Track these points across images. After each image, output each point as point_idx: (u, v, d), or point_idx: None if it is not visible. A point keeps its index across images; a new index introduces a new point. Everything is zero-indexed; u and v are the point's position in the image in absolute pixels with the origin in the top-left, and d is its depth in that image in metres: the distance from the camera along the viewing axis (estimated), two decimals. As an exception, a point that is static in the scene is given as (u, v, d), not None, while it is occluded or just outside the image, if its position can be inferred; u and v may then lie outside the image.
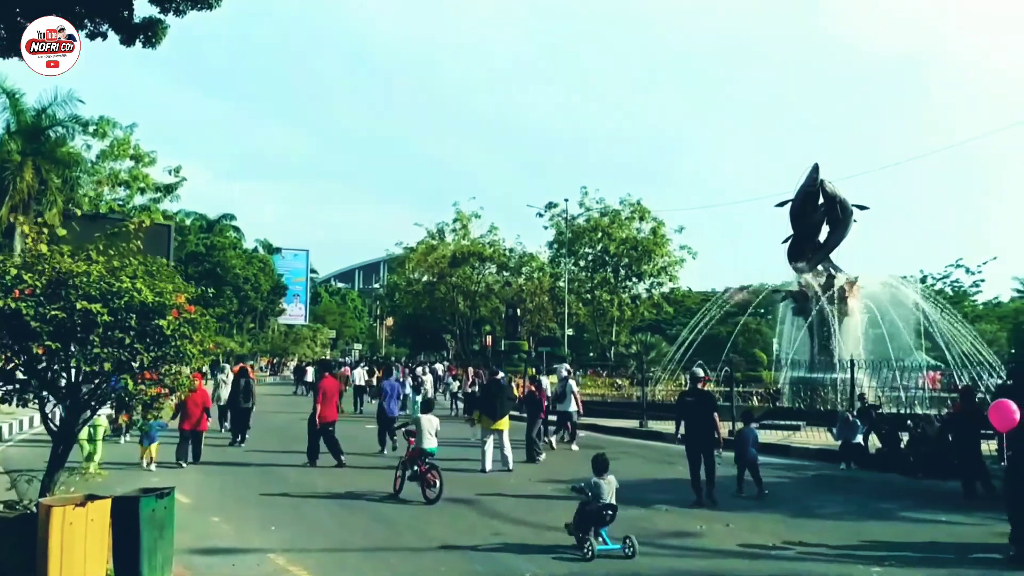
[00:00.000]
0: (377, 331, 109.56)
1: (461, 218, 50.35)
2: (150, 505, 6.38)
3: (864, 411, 15.87)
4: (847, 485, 13.50)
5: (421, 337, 59.10)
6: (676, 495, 11.84)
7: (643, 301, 47.42)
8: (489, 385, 15.28)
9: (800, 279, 28.07)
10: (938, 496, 12.17)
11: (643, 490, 12.37)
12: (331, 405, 14.72)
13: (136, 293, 6.24)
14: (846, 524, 10.10)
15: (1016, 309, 65.19)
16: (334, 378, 15.93)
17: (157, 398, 6.82)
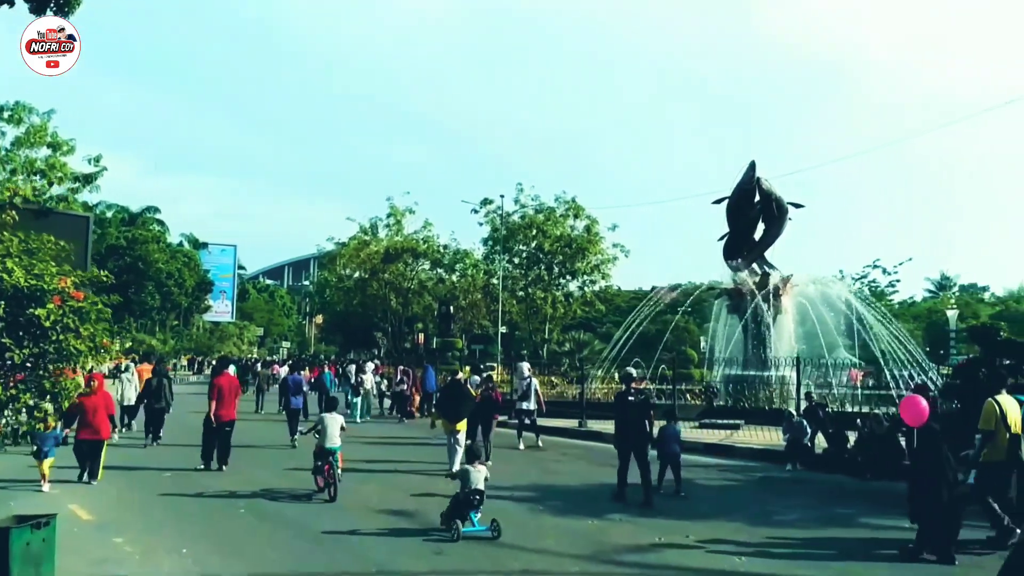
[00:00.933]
0: (306, 329, 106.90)
1: (395, 213, 48.81)
2: (23, 537, 5.18)
3: (811, 410, 15.36)
4: (798, 488, 12.94)
5: (352, 335, 57.23)
6: (630, 503, 11.04)
7: (576, 299, 46.80)
8: (449, 386, 14.77)
9: (735, 277, 27.82)
10: (892, 498, 11.62)
11: (594, 497, 11.56)
12: (227, 404, 13.67)
13: (5, 275, 4.95)
14: (809, 532, 9.42)
15: (929, 308, 67.41)
16: (231, 375, 14.79)
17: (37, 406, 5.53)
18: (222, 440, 13.52)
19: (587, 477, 13.35)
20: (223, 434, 13.52)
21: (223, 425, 13.48)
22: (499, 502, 10.73)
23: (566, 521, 9.67)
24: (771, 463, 15.16)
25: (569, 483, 12.76)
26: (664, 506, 10.76)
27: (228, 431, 13.62)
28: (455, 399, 13.95)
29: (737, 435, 18.59)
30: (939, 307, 61.17)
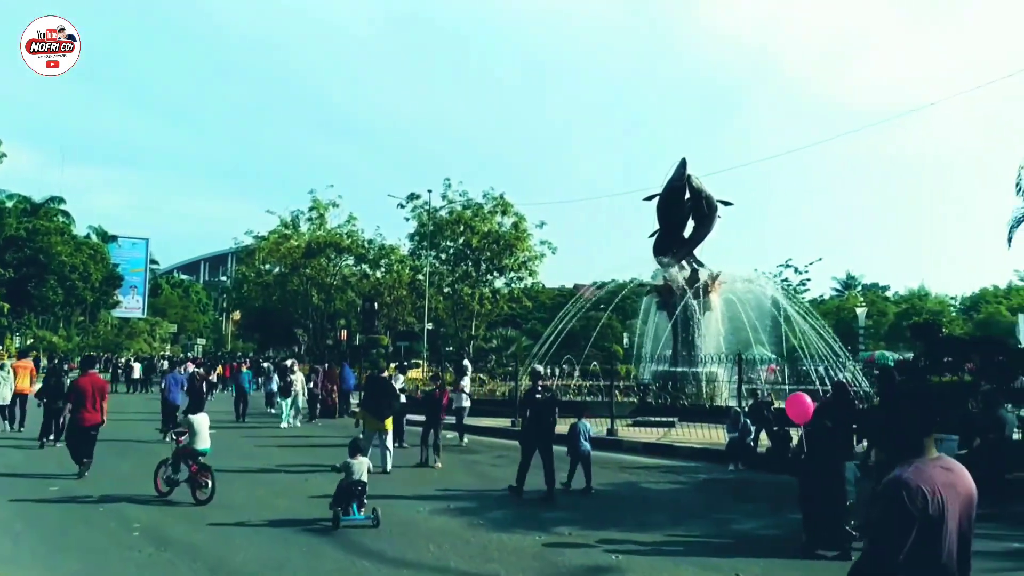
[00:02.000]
0: (223, 326, 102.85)
1: (318, 207, 46.73)
2: None
3: (756, 408, 14.71)
4: (748, 491, 12.17)
5: (270, 332, 54.73)
6: (578, 511, 10.06)
7: (503, 296, 45.85)
8: (374, 383, 14.19)
9: (665, 274, 27.32)
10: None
11: (536, 507, 10.53)
12: (90, 406, 12.26)
13: None
14: (776, 544, 8.59)
15: (837, 306, 69.32)
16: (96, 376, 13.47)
17: None
18: (86, 445, 12.06)
19: (527, 483, 12.31)
20: (87, 439, 12.09)
21: (87, 430, 12.08)
22: (437, 518, 9.61)
23: (511, 538, 8.60)
24: (713, 463, 14.46)
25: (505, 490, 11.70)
26: (616, 516, 9.82)
27: (93, 435, 12.20)
28: (380, 396, 13.38)
29: (673, 433, 17.95)
30: (847, 305, 62.79)
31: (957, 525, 2.64)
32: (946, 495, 2.59)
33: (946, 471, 2.67)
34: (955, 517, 2.63)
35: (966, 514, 2.69)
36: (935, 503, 2.56)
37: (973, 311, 55.10)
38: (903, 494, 2.54)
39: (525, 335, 54.90)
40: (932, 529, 2.56)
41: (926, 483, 2.58)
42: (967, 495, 2.71)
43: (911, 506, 2.52)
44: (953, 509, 2.61)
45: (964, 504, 2.68)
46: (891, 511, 2.55)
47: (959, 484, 2.68)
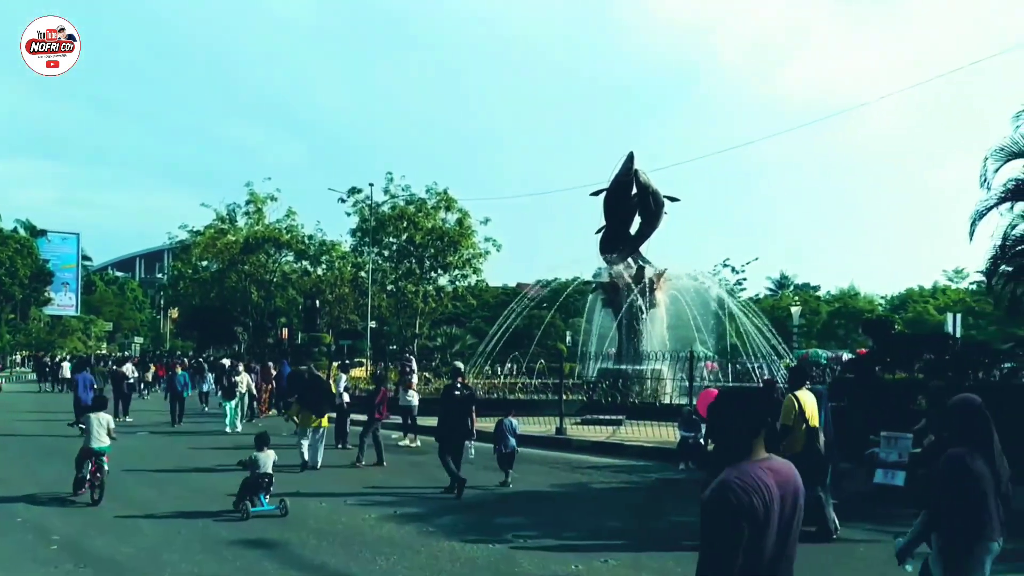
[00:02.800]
0: (161, 324, 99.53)
1: (255, 200, 45.09)
2: None
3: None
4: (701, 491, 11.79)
5: (209, 330, 52.76)
6: (532, 516, 9.50)
7: (447, 293, 45.06)
8: (310, 380, 14.29)
9: (611, 271, 27.00)
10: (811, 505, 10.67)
11: (489, 511, 9.94)
12: None
13: None
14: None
15: (772, 305, 70.45)
16: None
17: None
18: None
19: (480, 484, 11.70)
20: None
21: None
22: (385, 525, 8.93)
23: (463, 547, 7.99)
24: (663, 462, 14.09)
25: (464, 495, 11.06)
26: (571, 520, 9.31)
27: None
28: (316, 393, 13.34)
29: (622, 432, 17.56)
30: (781, 304, 63.75)
31: (780, 525, 2.64)
32: (771, 495, 2.59)
33: (773, 471, 2.67)
34: (779, 517, 2.62)
35: (791, 514, 2.69)
36: (760, 503, 2.55)
37: (901, 310, 56.46)
38: (729, 496, 2.53)
39: (469, 333, 54.19)
40: (757, 529, 2.55)
41: (751, 484, 2.57)
42: (793, 496, 2.71)
43: (738, 507, 2.51)
44: (777, 509, 2.61)
45: (790, 505, 2.69)
46: (719, 515, 2.54)
47: (785, 484, 2.68)
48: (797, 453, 8.12)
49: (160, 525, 8.87)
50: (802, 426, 8.26)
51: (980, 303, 50.93)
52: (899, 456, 10.97)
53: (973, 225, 14.60)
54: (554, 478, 12.48)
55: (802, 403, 8.22)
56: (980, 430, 4.38)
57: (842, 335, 54.19)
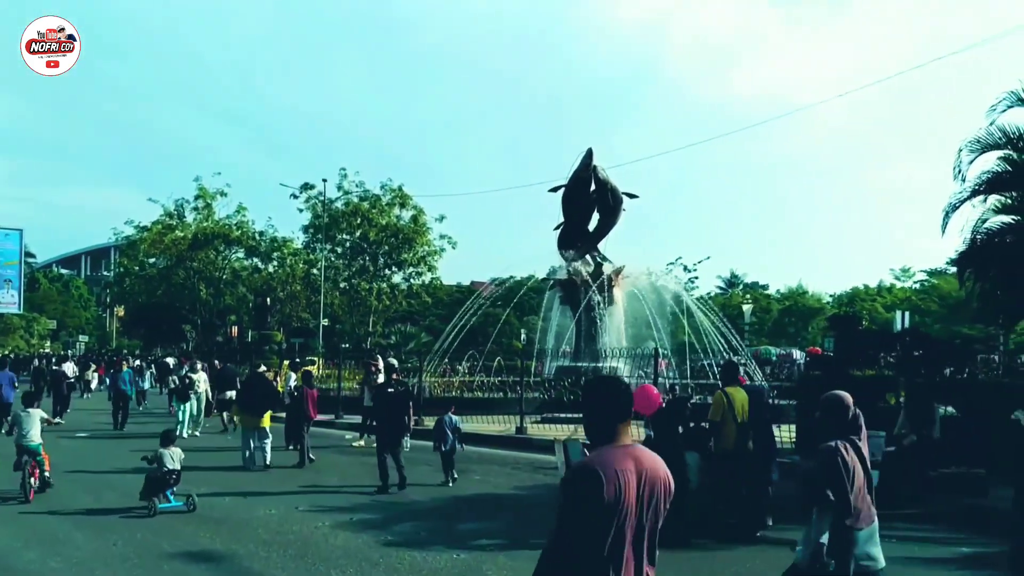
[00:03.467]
0: (107, 322, 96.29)
1: (204, 195, 43.53)
2: None
3: (675, 404, 13.88)
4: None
5: (156, 328, 50.87)
6: (496, 522, 8.92)
7: (401, 291, 44.16)
8: (250, 379, 13.97)
9: (569, 267, 26.56)
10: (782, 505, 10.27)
11: (448, 515, 9.35)
12: None
13: None
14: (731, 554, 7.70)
15: (723, 303, 71.09)
16: None
17: None
18: None
19: (435, 487, 11.09)
20: None
21: None
22: (340, 534, 8.25)
23: (424, 556, 7.37)
24: (628, 461, 13.60)
25: (416, 498, 10.44)
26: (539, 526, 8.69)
27: None
28: (257, 392, 12.88)
29: (582, 430, 17.01)
30: (732, 302, 64.30)
31: (638, 511, 2.65)
32: (628, 481, 2.60)
33: (635, 458, 2.69)
34: (636, 503, 2.63)
35: (650, 501, 2.70)
36: (613, 488, 2.57)
37: (849, 308, 57.27)
38: (580, 479, 2.58)
39: (424, 331, 53.38)
40: (611, 512, 2.57)
41: (607, 468, 2.59)
42: (654, 483, 2.71)
43: (588, 491, 2.54)
44: (633, 495, 2.62)
45: (650, 492, 2.69)
46: (572, 496, 2.58)
47: (646, 472, 2.69)
48: (728, 450, 8.24)
49: (95, 536, 8.07)
50: (732, 423, 8.11)
51: (925, 302, 51.90)
52: (872, 455, 10.63)
53: (946, 217, 14.44)
54: (517, 480, 11.94)
55: (732, 399, 8.07)
56: (851, 424, 4.56)
57: (792, 333, 54.75)
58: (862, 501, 4.40)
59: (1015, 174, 13.62)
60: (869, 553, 4.39)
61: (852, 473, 4.35)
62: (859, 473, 4.42)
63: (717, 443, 8.28)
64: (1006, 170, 13.79)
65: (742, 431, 8.13)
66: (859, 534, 4.36)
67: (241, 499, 10.11)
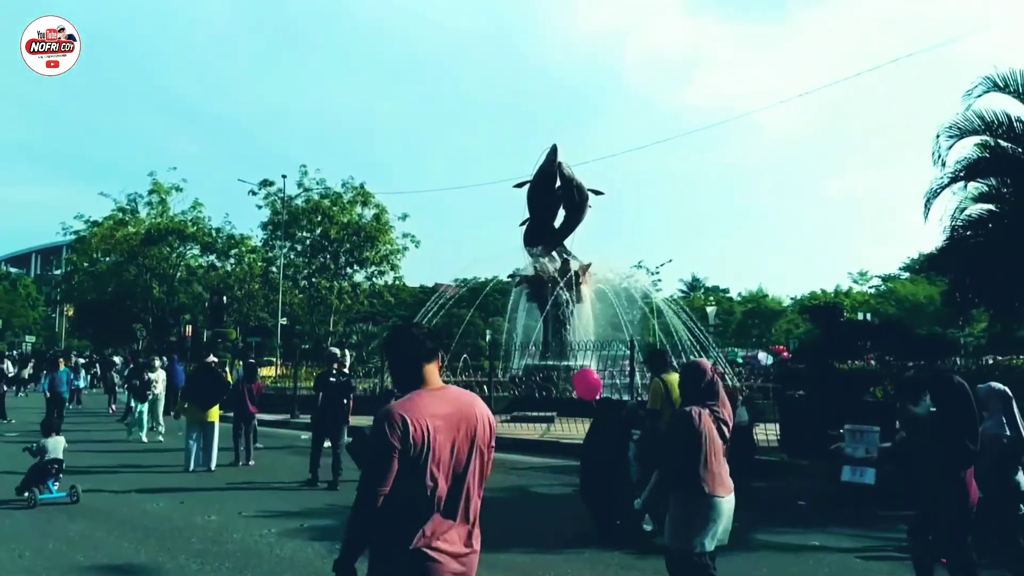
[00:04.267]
0: (56, 322, 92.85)
1: (159, 190, 41.66)
2: None
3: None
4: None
5: (106, 327, 48.63)
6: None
7: (363, 290, 42.81)
8: (198, 371, 12.97)
9: (536, 264, 25.70)
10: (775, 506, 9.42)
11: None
12: None
13: None
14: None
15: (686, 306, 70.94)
16: None
17: None
18: None
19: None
20: None
21: None
22: (288, 543, 7.16)
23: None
24: (603, 461, 12.68)
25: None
26: (514, 533, 7.72)
27: None
28: (204, 385, 12.07)
29: (555, 429, 16.15)
30: (695, 305, 64.19)
31: (452, 455, 2.62)
32: (438, 424, 2.57)
33: (447, 400, 2.69)
34: (450, 446, 2.61)
35: (468, 444, 2.68)
36: (420, 432, 2.54)
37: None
38: (384, 424, 2.54)
39: (387, 331, 52.09)
40: (417, 454, 2.54)
41: (414, 412, 2.56)
42: (470, 425, 2.70)
43: (390, 434, 2.51)
44: (446, 438, 2.60)
45: (466, 433, 2.67)
46: (374, 440, 2.55)
47: (460, 412, 2.68)
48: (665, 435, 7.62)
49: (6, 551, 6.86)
50: (670, 411, 7.64)
51: (883, 305, 52.22)
52: (867, 451, 9.84)
53: (928, 204, 13.84)
54: (489, 481, 10.90)
55: (669, 386, 7.83)
56: (707, 390, 4.42)
57: (757, 335, 54.66)
58: (717, 466, 4.25)
59: (992, 161, 13.08)
60: (706, 529, 4.20)
61: (704, 438, 4.21)
62: (714, 439, 4.29)
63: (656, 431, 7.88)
64: (983, 156, 13.26)
65: None
66: (720, 502, 4.21)
67: (177, 503, 8.94)
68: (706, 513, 4.20)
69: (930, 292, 50.88)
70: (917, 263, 70.44)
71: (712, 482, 4.21)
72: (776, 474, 11.02)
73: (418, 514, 2.55)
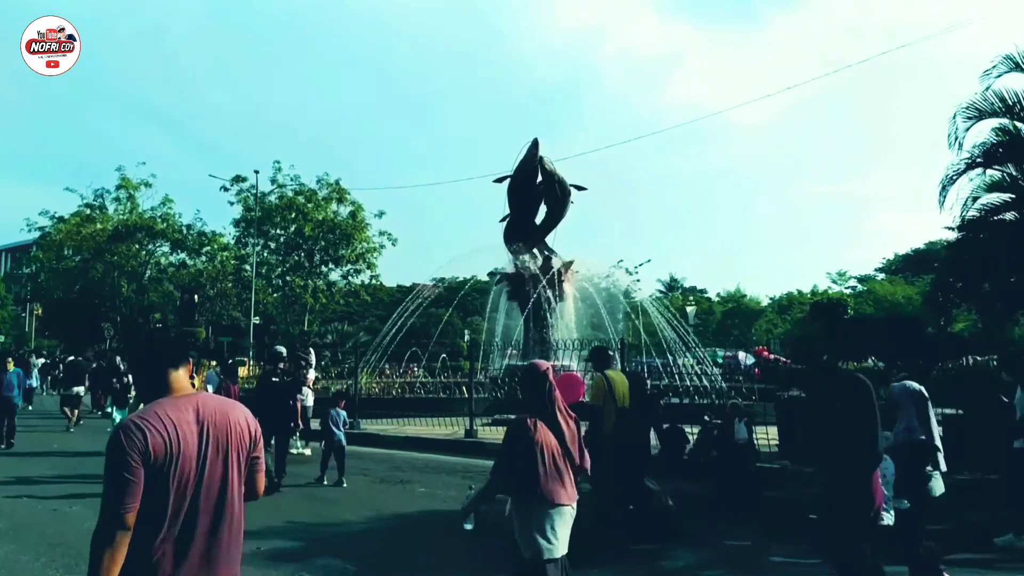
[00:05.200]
0: (25, 321, 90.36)
1: (127, 185, 40.20)
2: None
3: (650, 400, 12.09)
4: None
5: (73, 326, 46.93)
6: (442, 550, 6.93)
7: (339, 289, 41.64)
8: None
9: (516, 261, 24.79)
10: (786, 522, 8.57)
11: (387, 542, 7.34)
12: None
13: None
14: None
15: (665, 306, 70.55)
16: None
17: None
18: None
19: (373, 506, 9.06)
20: None
21: None
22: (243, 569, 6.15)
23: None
24: (592, 468, 11.79)
25: (350, 519, 8.41)
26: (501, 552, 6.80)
27: None
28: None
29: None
30: (674, 304, 63.69)
31: (200, 464, 2.49)
32: (184, 432, 2.47)
33: (196, 407, 2.56)
34: (197, 456, 2.49)
35: (220, 453, 2.55)
36: (163, 439, 2.43)
37: (788, 311, 57.06)
38: (120, 436, 2.42)
39: (363, 331, 50.93)
40: (160, 464, 2.41)
41: (153, 420, 2.45)
42: (223, 432, 2.58)
43: (127, 448, 2.38)
44: (196, 442, 2.49)
45: (216, 441, 2.55)
46: (110, 453, 2.41)
47: (211, 420, 2.56)
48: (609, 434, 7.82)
49: None
50: (612, 406, 7.77)
51: (861, 305, 51.92)
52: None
53: (943, 191, 13.07)
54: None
55: (612, 382, 7.78)
56: (544, 396, 4.34)
57: (737, 335, 54.19)
58: (556, 474, 4.16)
59: (1011, 145, 12.33)
60: (549, 536, 4.09)
61: (540, 447, 4.11)
62: (551, 447, 4.17)
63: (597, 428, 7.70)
64: (1001, 141, 12.52)
65: (622, 415, 7.73)
66: (550, 511, 4.11)
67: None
68: (546, 521, 4.08)
69: (908, 292, 50.64)
70: (894, 264, 70.78)
71: (550, 490, 4.09)
72: (780, 483, 10.20)
73: (159, 530, 2.39)
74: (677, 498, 9.85)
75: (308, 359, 16.57)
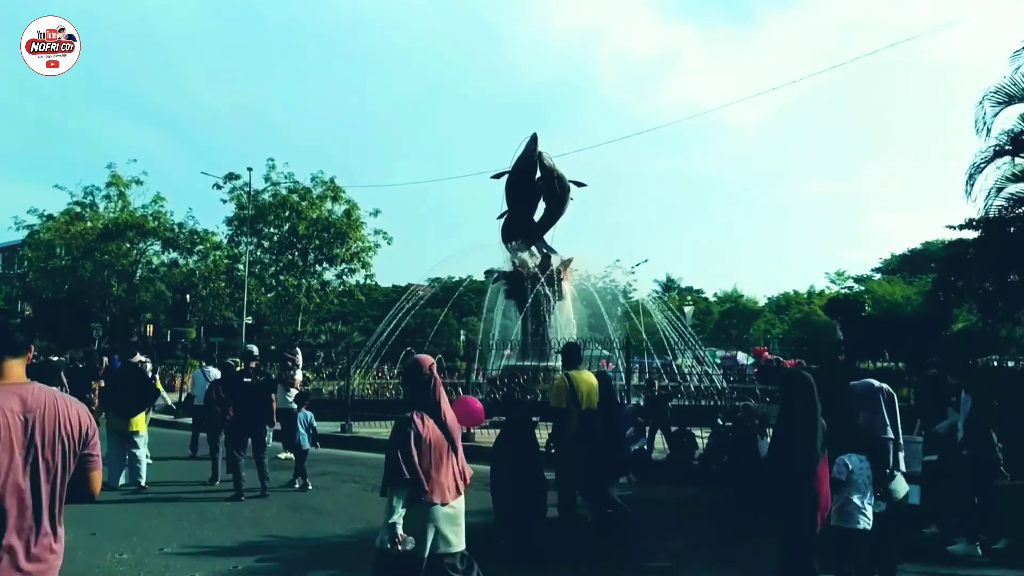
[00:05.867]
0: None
1: (118, 182, 39.36)
2: None
3: (654, 403, 11.48)
4: (665, 513, 8.89)
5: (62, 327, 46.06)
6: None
7: (333, 289, 40.93)
8: (121, 371, 11.17)
9: (515, 259, 24.14)
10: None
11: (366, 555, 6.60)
12: None
13: None
14: None
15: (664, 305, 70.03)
16: None
17: None
18: None
19: (363, 517, 8.38)
20: None
21: None
22: None
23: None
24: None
25: (339, 532, 7.75)
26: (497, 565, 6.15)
27: None
28: (127, 388, 10.19)
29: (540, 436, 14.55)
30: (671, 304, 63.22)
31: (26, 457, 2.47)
32: (7, 422, 2.45)
33: (20, 396, 2.53)
34: (23, 448, 2.46)
35: (45, 446, 2.52)
36: None
37: (786, 311, 56.54)
38: None
39: (357, 331, 50.27)
40: None
41: None
42: (49, 425, 2.54)
43: None
44: (19, 439, 2.46)
45: (42, 435, 2.52)
46: None
47: (37, 412, 2.53)
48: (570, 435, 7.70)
49: None
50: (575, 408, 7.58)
51: (860, 305, 51.49)
52: (909, 466, 8.39)
53: (970, 179, 12.47)
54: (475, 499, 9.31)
55: (575, 383, 7.58)
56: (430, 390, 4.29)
57: (735, 335, 53.69)
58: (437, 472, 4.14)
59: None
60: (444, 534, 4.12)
61: (426, 444, 4.13)
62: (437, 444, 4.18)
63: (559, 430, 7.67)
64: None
65: (586, 417, 7.51)
66: (434, 510, 4.08)
67: (88, 535, 7.21)
68: (427, 519, 4.07)
69: (907, 292, 50.15)
70: (891, 264, 70.34)
71: (432, 488, 4.09)
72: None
73: None
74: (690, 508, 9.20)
75: (295, 359, 15.90)
